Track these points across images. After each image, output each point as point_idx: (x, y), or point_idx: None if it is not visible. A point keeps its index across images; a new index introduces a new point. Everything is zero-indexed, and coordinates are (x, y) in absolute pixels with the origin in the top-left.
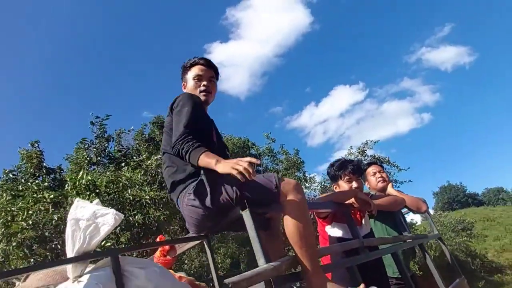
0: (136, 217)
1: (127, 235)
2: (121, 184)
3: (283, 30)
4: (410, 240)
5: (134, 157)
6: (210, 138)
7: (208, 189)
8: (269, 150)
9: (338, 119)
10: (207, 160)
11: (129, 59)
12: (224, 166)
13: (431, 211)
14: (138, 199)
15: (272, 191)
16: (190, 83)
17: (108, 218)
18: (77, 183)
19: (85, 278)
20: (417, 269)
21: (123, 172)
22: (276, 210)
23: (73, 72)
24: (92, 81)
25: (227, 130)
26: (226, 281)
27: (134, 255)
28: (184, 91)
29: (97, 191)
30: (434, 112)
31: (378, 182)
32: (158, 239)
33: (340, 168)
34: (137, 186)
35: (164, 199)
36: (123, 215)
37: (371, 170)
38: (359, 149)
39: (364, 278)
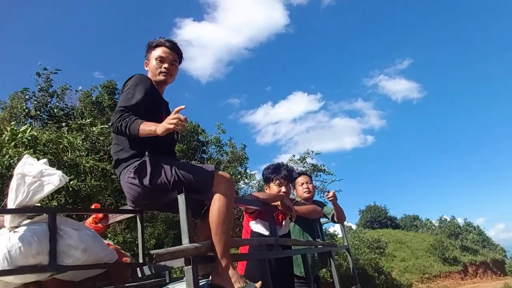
0: (72, 182)
1: (59, 199)
2: (61, 146)
3: (258, 24)
4: (321, 246)
5: (77, 119)
6: (156, 121)
7: (148, 170)
8: (217, 140)
9: (289, 124)
10: (146, 128)
11: (93, 16)
12: (162, 128)
13: (354, 227)
14: (76, 164)
15: (207, 180)
16: (152, 63)
17: (54, 179)
18: (18, 135)
19: (21, 230)
20: (329, 275)
21: (65, 134)
22: (208, 198)
23: (29, 17)
24: (45, 30)
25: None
26: (152, 252)
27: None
28: (146, 69)
29: (36, 148)
30: (378, 136)
31: (304, 192)
32: (93, 206)
33: (273, 172)
34: (77, 152)
35: (103, 170)
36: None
37: (300, 179)
38: (300, 157)
39: (273, 272)
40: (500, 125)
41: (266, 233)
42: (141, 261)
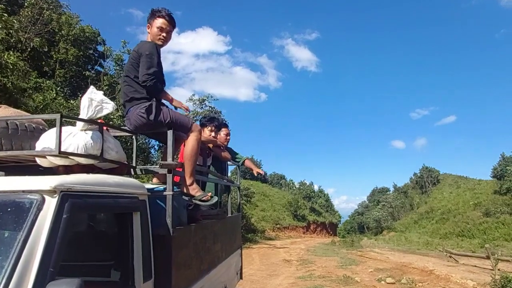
0: None
1: None
2: None
3: None
4: (226, 181)
5: None
6: (162, 79)
7: (154, 110)
8: (119, 58)
9: (191, 58)
10: (167, 96)
11: None
12: (176, 103)
13: (229, 174)
14: None
15: (187, 127)
16: (154, 30)
17: (109, 106)
18: None
19: (89, 132)
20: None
21: None
22: (183, 136)
23: None
24: None
25: (75, 7)
26: (160, 162)
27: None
28: (148, 31)
29: None
30: (271, 96)
31: (224, 141)
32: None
33: (208, 121)
34: None
35: (25, 70)
36: None
37: (222, 130)
38: (200, 98)
39: None
40: (363, 121)
41: (199, 163)
42: (134, 164)
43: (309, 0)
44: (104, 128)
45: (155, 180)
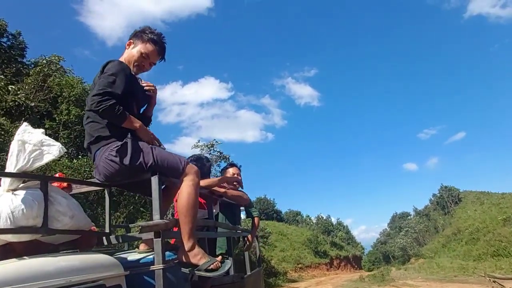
0: None
1: None
2: None
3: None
4: (240, 231)
5: None
6: (129, 109)
7: (129, 151)
8: None
9: (196, 107)
10: (132, 124)
11: None
12: (144, 133)
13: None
14: None
15: (179, 169)
16: (136, 54)
17: (53, 149)
18: None
19: (21, 193)
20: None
21: None
22: (175, 183)
23: None
24: None
25: (79, 71)
26: (140, 223)
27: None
28: (127, 48)
29: None
30: (277, 135)
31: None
32: (57, 175)
33: (195, 161)
34: None
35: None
36: None
37: (230, 170)
38: (209, 143)
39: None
40: (372, 148)
41: (201, 215)
42: (107, 231)
43: (304, 39)
44: (56, 184)
45: (142, 247)
